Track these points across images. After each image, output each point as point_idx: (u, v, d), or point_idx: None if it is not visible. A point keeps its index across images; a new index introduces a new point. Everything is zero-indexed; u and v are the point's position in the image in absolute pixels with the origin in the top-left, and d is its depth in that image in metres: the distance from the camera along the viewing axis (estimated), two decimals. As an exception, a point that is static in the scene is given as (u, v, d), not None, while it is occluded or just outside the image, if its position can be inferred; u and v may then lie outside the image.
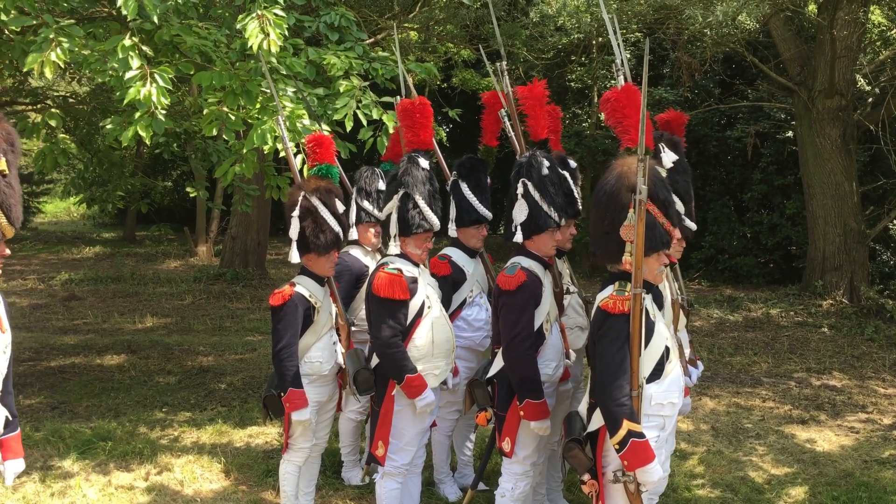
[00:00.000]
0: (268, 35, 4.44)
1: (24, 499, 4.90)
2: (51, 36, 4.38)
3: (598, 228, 3.35)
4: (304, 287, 4.27)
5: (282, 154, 4.80)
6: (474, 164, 4.71)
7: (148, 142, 4.60)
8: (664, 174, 3.61)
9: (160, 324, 10.95)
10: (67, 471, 5.32)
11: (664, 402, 3.26)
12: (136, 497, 4.97)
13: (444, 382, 4.34)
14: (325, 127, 4.97)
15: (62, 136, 6.78)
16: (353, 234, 4.99)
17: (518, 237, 4.04)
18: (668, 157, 3.81)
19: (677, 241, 3.98)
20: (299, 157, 4.67)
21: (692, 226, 4.07)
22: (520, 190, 4.02)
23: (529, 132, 4.45)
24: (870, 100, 12.13)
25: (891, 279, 12.89)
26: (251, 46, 4.51)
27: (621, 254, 3.23)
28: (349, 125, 5.24)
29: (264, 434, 6.09)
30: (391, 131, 5.40)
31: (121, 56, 4.41)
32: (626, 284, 3.22)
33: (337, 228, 4.24)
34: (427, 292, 4.15)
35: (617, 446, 3.13)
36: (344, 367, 4.39)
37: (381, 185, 4.97)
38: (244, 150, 5.14)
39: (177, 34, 4.81)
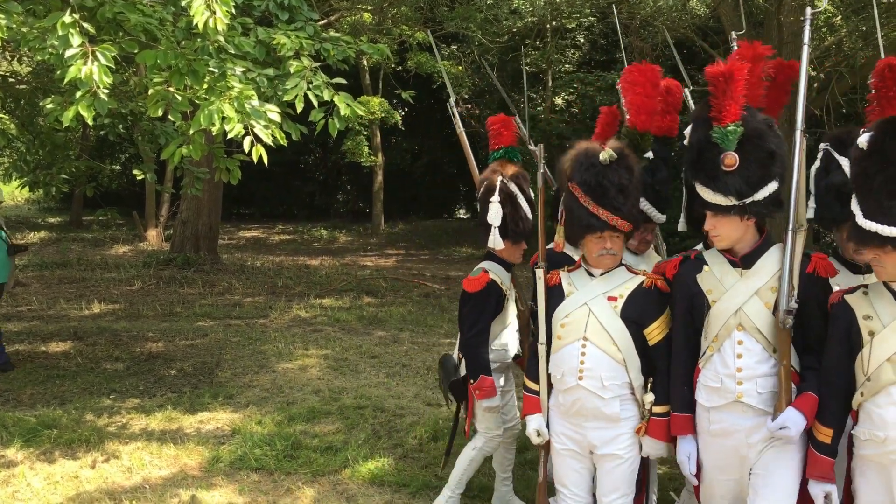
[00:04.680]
0: (214, 13, 4.33)
1: (-36, 489, 4.78)
2: (-14, 12, 4.21)
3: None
4: (495, 274, 4.19)
5: (231, 135, 4.69)
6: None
7: (90, 122, 4.45)
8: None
9: (108, 310, 10.73)
10: (11, 459, 5.19)
11: (553, 372, 3.44)
12: (82, 485, 4.87)
13: None
14: (275, 108, 4.88)
15: (1, 116, 6.56)
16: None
17: None
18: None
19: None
20: (248, 138, 4.55)
21: None
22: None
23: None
24: (815, 85, 12.39)
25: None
26: (196, 24, 4.40)
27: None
28: (300, 106, 5.16)
29: (215, 420, 6.03)
30: (343, 113, 5.32)
31: (61, 33, 4.24)
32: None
33: (531, 216, 4.15)
34: None
35: None
36: (520, 353, 4.37)
37: None
38: (191, 132, 5.02)
39: (120, 11, 4.65)
